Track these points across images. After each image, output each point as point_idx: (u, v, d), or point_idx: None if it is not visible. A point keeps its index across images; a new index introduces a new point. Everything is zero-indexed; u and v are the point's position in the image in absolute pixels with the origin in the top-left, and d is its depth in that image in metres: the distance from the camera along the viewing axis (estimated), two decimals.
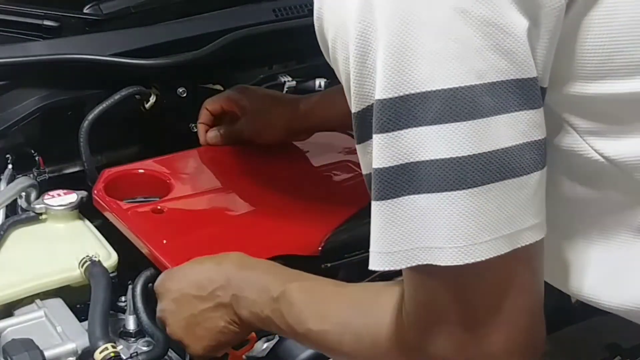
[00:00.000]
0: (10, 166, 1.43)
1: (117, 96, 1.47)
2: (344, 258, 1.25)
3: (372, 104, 0.82)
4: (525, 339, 0.85)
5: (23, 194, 1.36)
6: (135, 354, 1.15)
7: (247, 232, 1.29)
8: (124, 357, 1.11)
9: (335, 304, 0.98)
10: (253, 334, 1.15)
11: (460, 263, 0.80)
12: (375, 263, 0.84)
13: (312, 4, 0.89)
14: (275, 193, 1.37)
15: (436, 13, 0.79)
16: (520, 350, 0.85)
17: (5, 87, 1.47)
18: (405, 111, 0.80)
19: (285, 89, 1.63)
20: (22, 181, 1.37)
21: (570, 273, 0.93)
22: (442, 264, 0.80)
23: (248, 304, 1.05)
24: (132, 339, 1.20)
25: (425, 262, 0.81)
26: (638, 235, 0.90)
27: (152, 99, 1.51)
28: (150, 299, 1.19)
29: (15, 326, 1.17)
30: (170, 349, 1.18)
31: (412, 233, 0.81)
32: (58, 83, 1.47)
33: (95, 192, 1.37)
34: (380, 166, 0.82)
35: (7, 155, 1.44)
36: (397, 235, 0.82)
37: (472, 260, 0.80)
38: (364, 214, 0.92)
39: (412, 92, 0.79)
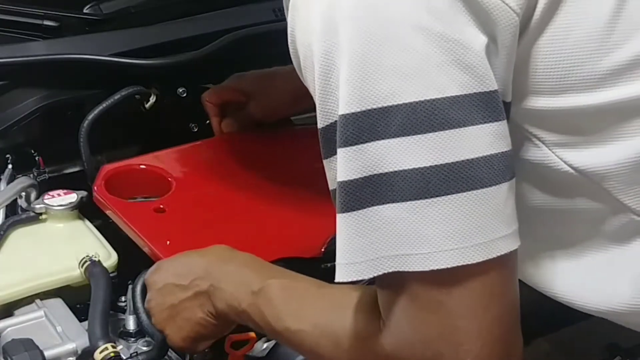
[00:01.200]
0: (10, 166, 1.43)
1: (117, 96, 1.47)
2: None
3: (336, 120, 0.84)
4: (501, 348, 0.85)
5: (23, 194, 1.36)
6: (135, 354, 1.15)
7: (250, 234, 1.29)
8: (124, 357, 1.12)
9: (315, 305, 0.98)
10: (253, 334, 1.15)
11: (426, 269, 0.81)
12: (342, 274, 0.85)
13: None
14: (278, 193, 1.37)
15: (396, 31, 0.81)
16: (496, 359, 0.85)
17: (5, 87, 1.47)
18: (369, 125, 0.82)
19: None
20: (22, 181, 1.37)
21: (544, 276, 0.95)
22: (408, 270, 0.82)
23: (225, 296, 1.05)
24: (132, 339, 1.20)
25: (391, 270, 0.82)
26: (610, 242, 0.91)
27: (152, 99, 1.51)
28: None
29: (15, 326, 1.17)
30: (170, 349, 1.18)
31: (379, 242, 0.83)
32: (58, 83, 1.48)
33: (96, 188, 1.37)
34: (346, 179, 0.84)
35: (7, 155, 1.44)
36: (363, 246, 0.83)
37: (438, 267, 0.81)
38: None
39: (375, 106, 0.82)
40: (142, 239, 1.26)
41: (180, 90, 1.55)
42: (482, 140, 0.82)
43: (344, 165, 0.84)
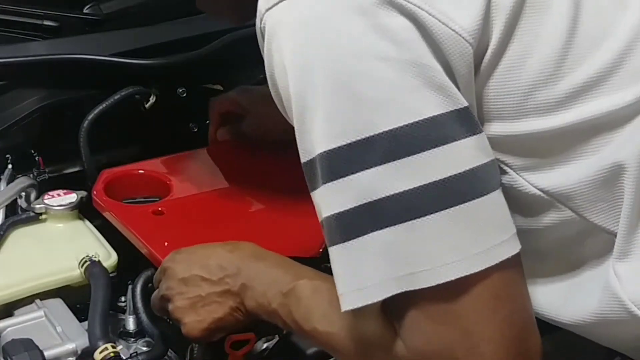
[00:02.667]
0: (10, 166, 1.43)
1: (117, 96, 1.47)
2: None
3: (313, 158, 0.87)
4: (516, 347, 0.87)
5: (23, 194, 1.36)
6: (135, 354, 1.15)
7: (247, 234, 1.29)
8: (124, 357, 1.11)
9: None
10: (252, 334, 1.15)
11: (432, 284, 0.84)
12: (348, 303, 0.88)
13: None
14: (276, 195, 1.37)
15: (365, 65, 0.84)
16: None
17: (5, 87, 1.47)
18: (354, 156, 0.85)
19: None
20: (22, 181, 1.37)
21: None
22: (415, 288, 0.84)
23: (256, 294, 1.06)
24: (132, 339, 1.20)
25: (399, 291, 0.85)
26: (581, 258, 0.93)
27: (152, 99, 1.51)
28: (151, 297, 1.19)
29: (15, 326, 1.17)
30: (170, 349, 1.18)
31: (383, 266, 0.85)
32: (58, 83, 1.48)
33: (95, 193, 1.37)
34: (338, 210, 0.87)
35: (7, 155, 1.44)
36: (367, 272, 0.86)
37: (443, 280, 0.84)
38: None
39: (357, 138, 0.85)
40: (140, 241, 1.26)
41: (180, 90, 1.55)
42: (465, 154, 0.85)
43: (334, 198, 0.87)
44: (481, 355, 0.86)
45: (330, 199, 0.87)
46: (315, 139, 0.87)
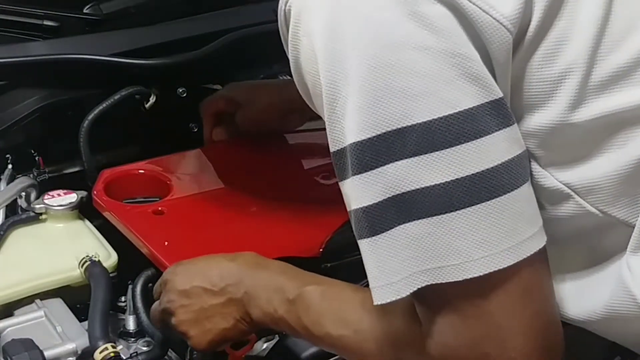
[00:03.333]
0: (10, 166, 1.43)
1: (117, 96, 1.47)
2: (344, 258, 1.25)
3: (344, 147, 0.86)
4: (544, 341, 0.87)
5: (23, 194, 1.36)
6: (135, 354, 1.15)
7: (248, 234, 1.29)
8: (124, 357, 1.12)
9: (355, 310, 0.98)
10: (253, 334, 1.15)
11: (460, 279, 0.83)
12: (380, 297, 0.87)
13: None
14: (276, 194, 1.37)
15: (401, 54, 0.82)
16: (539, 353, 0.87)
17: (5, 87, 1.47)
18: (385, 148, 0.83)
19: None
20: (22, 181, 1.37)
21: None
22: (442, 282, 0.84)
23: (261, 303, 1.05)
24: (132, 339, 1.20)
25: (426, 284, 0.84)
26: (598, 254, 0.92)
27: (152, 99, 1.51)
28: (150, 299, 1.19)
29: (15, 326, 1.17)
30: (170, 349, 1.18)
31: (410, 259, 0.84)
32: (58, 83, 1.48)
33: (95, 193, 1.37)
34: (367, 203, 0.85)
35: (7, 155, 1.44)
36: (396, 265, 0.85)
37: (471, 276, 0.83)
38: None
39: (389, 129, 0.83)
40: (140, 241, 1.26)
41: (180, 90, 1.55)
42: (499, 147, 0.84)
43: (364, 191, 0.85)
44: (512, 349, 0.86)
45: (359, 191, 0.86)
46: (346, 129, 0.85)
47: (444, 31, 0.82)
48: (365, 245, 0.87)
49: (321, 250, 1.24)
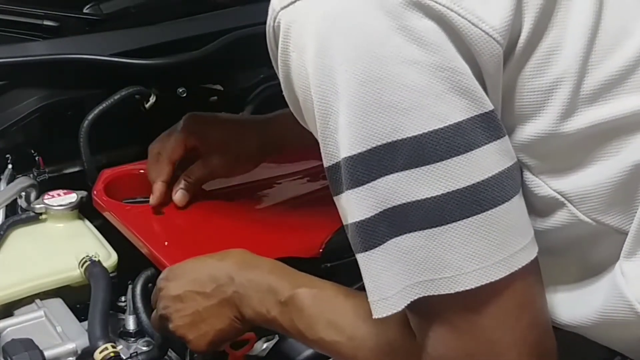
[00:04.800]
0: (10, 166, 1.43)
1: (117, 96, 1.46)
2: (344, 258, 1.25)
3: (338, 162, 0.86)
4: (538, 350, 0.87)
5: (23, 194, 1.36)
6: (135, 354, 1.15)
7: (248, 234, 1.29)
8: (124, 357, 1.12)
9: (348, 316, 0.98)
10: (252, 334, 1.15)
11: (452, 292, 0.83)
12: (377, 312, 0.87)
13: None
14: (276, 194, 1.37)
15: (391, 68, 0.82)
16: None
17: (5, 87, 1.47)
18: (376, 162, 0.83)
19: None
20: (22, 181, 1.37)
21: None
22: (434, 294, 0.84)
23: (252, 303, 1.05)
24: (132, 339, 1.20)
25: (418, 296, 0.84)
26: (591, 261, 0.91)
27: (152, 99, 1.51)
28: (150, 299, 1.19)
29: (15, 326, 1.17)
30: (170, 349, 1.18)
31: (403, 273, 0.84)
32: (58, 83, 1.48)
33: (95, 192, 1.37)
34: (361, 218, 0.85)
35: (7, 155, 1.44)
36: (388, 279, 0.85)
37: (463, 289, 0.83)
38: None
39: (380, 143, 0.83)
40: (140, 241, 1.26)
41: (180, 90, 1.55)
42: (489, 160, 0.84)
43: (357, 205, 0.85)
44: None
45: (353, 205, 0.86)
46: (340, 143, 0.85)
47: (432, 45, 0.82)
48: (361, 260, 0.87)
49: (321, 250, 1.24)
